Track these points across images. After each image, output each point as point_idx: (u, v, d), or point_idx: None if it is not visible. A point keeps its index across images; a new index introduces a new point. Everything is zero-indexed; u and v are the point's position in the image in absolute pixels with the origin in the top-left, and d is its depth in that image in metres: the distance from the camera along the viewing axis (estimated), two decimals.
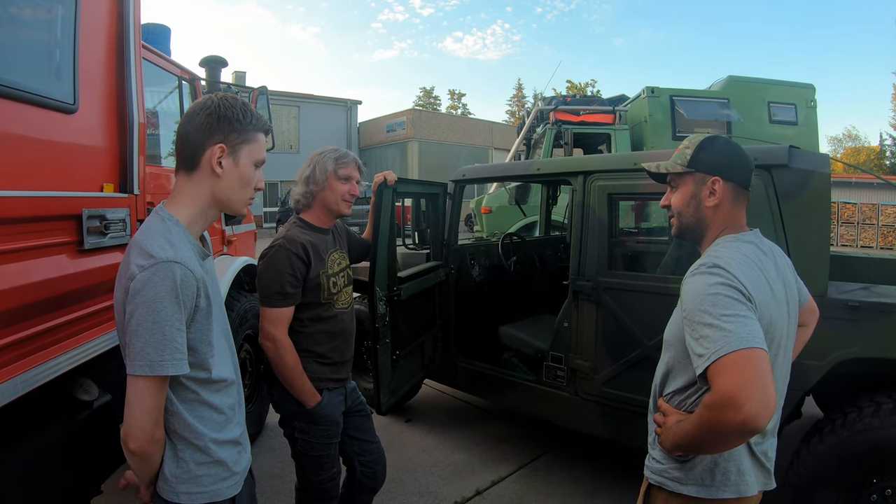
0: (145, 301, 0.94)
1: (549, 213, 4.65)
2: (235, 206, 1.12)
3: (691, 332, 1.07)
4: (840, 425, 1.94)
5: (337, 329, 1.84)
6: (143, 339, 0.94)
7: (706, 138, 1.26)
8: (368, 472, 1.99)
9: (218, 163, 1.07)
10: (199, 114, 1.06)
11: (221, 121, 1.06)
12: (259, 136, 1.13)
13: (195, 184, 1.08)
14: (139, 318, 0.94)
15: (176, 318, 0.96)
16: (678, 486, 1.18)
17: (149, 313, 0.94)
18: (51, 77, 1.55)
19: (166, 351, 0.95)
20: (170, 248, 0.98)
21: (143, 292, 0.94)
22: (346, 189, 1.86)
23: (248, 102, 1.14)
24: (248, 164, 1.11)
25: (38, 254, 1.45)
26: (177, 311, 0.96)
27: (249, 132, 1.10)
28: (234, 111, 1.07)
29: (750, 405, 0.91)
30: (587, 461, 3.02)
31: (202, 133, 1.06)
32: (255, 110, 1.15)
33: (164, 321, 0.95)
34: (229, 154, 1.08)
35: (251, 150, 1.11)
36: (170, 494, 1.06)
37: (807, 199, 2.00)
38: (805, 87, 7.40)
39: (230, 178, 1.09)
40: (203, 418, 1.07)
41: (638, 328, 2.34)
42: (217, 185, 1.08)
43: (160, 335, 0.95)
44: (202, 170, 1.07)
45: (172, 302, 0.96)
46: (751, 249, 1.17)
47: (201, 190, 1.08)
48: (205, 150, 1.06)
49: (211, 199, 1.09)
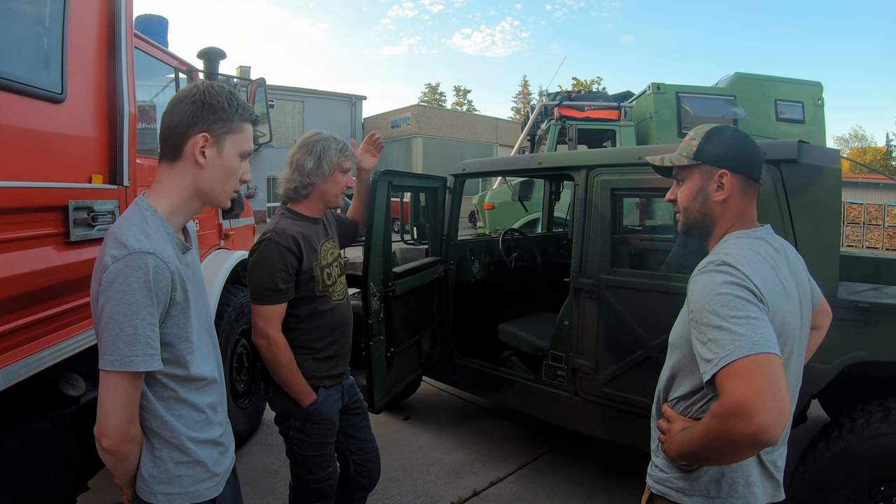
0: (117, 293, 0.90)
1: (552, 209, 4.59)
2: (218, 197, 1.08)
3: (698, 334, 1.00)
4: (848, 431, 1.88)
5: (335, 322, 1.79)
6: (113, 332, 0.90)
7: (713, 128, 1.18)
8: (363, 470, 1.95)
9: (201, 152, 1.02)
10: (184, 101, 1.02)
11: (206, 109, 1.02)
12: (245, 126, 1.08)
13: (177, 174, 1.04)
14: (110, 310, 0.91)
15: (148, 312, 0.92)
16: (682, 496, 1.12)
17: (120, 306, 0.90)
18: (37, 65, 1.51)
19: (137, 346, 0.91)
20: (144, 239, 0.94)
21: (114, 284, 0.91)
22: (346, 181, 1.81)
23: (235, 91, 1.09)
24: (233, 154, 1.06)
25: (21, 245, 1.41)
26: (149, 304, 0.92)
27: (235, 122, 1.05)
28: (219, 99, 1.03)
29: (762, 415, 0.85)
30: (586, 462, 2.97)
31: (185, 121, 1.01)
32: (243, 99, 1.10)
33: (135, 314, 0.91)
34: (213, 144, 1.03)
35: (236, 140, 1.06)
36: (147, 495, 1.02)
37: (816, 195, 1.94)
38: (813, 84, 7.30)
39: (214, 168, 1.04)
40: (181, 416, 1.03)
41: (641, 327, 2.29)
42: (200, 176, 1.04)
43: (131, 329, 0.91)
44: (185, 159, 1.03)
45: (144, 294, 0.92)
46: (762, 246, 1.10)
47: (183, 180, 1.04)
48: (188, 139, 1.02)
49: (193, 190, 1.05)
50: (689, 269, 1.10)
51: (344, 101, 24.98)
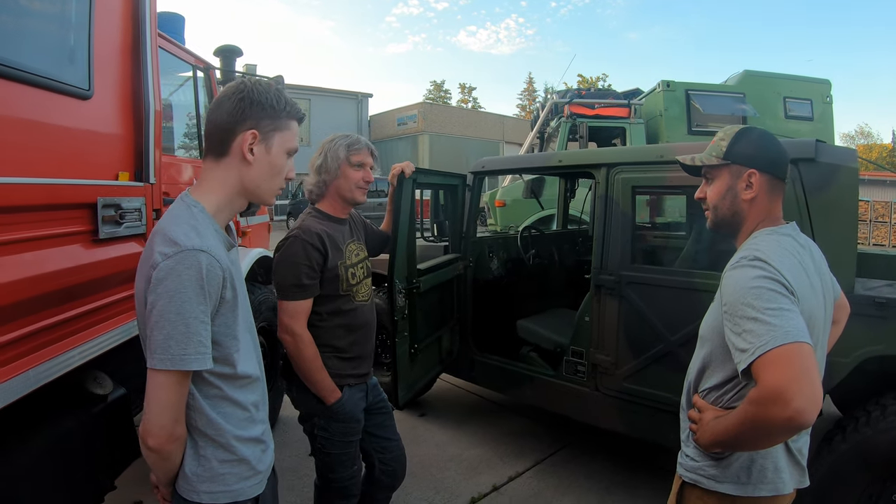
0: (168, 291, 0.89)
1: (567, 206, 4.58)
2: (264, 195, 1.07)
3: (733, 326, 1.04)
4: (864, 424, 1.90)
5: (357, 322, 1.79)
6: (165, 331, 0.89)
7: (742, 129, 1.23)
8: (388, 469, 1.95)
9: (249, 149, 1.02)
10: (232, 98, 1.01)
11: (254, 106, 1.01)
12: (292, 123, 1.08)
13: (223, 170, 1.03)
14: (161, 309, 0.89)
15: (200, 310, 0.91)
16: (714, 483, 1.16)
17: (172, 304, 0.89)
18: (65, 62, 1.51)
19: (190, 344, 0.90)
20: (195, 236, 0.93)
21: (165, 282, 0.89)
22: (359, 176, 1.81)
23: (282, 89, 1.09)
24: (281, 152, 1.06)
25: (52, 243, 1.42)
26: (201, 303, 0.91)
27: (283, 119, 1.05)
28: (267, 97, 1.02)
29: (798, 400, 0.89)
30: (603, 457, 2.97)
31: (234, 118, 1.01)
32: (289, 97, 1.09)
33: (187, 313, 0.89)
34: (261, 141, 1.03)
35: (284, 137, 1.06)
36: (190, 493, 1.02)
37: (834, 193, 1.96)
38: (821, 82, 7.27)
39: (261, 165, 1.04)
40: (226, 415, 1.02)
41: (661, 323, 2.29)
42: (247, 173, 1.03)
43: (183, 327, 0.89)
44: (232, 156, 1.02)
45: (197, 292, 0.90)
46: (789, 242, 1.16)
47: (230, 177, 1.03)
48: (236, 136, 1.01)
49: (240, 186, 1.04)
50: (704, 265, 1.12)
51: (350, 99, 25.00)
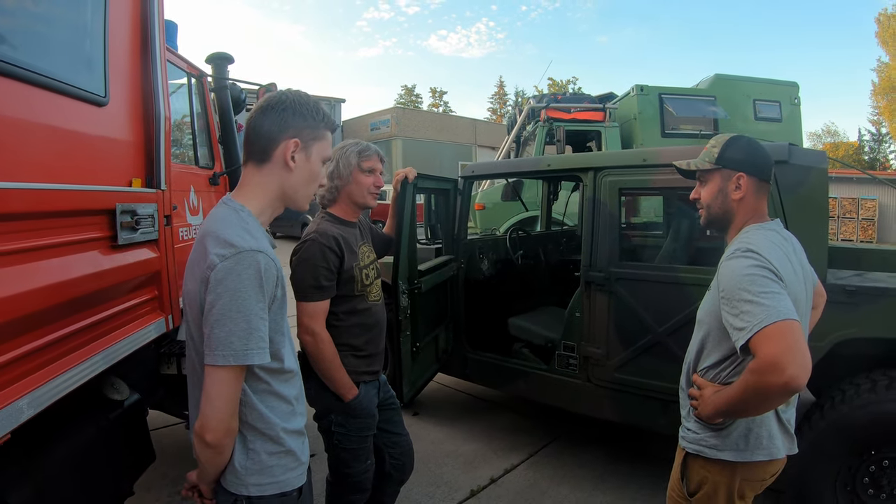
0: (228, 290, 0.94)
1: (550, 208, 4.74)
2: (301, 200, 1.14)
3: (730, 309, 1.18)
4: (840, 401, 2.07)
5: (371, 321, 1.86)
6: (227, 328, 0.94)
7: (731, 138, 1.39)
8: (398, 463, 2.02)
9: (291, 157, 1.08)
10: (275, 107, 1.07)
11: (297, 116, 1.08)
12: (328, 134, 1.15)
13: (265, 176, 1.09)
14: (223, 307, 0.94)
15: (259, 308, 0.97)
16: (715, 452, 1.30)
17: (233, 302, 0.94)
18: (83, 69, 1.52)
19: (251, 340, 0.95)
20: (250, 238, 0.99)
21: (226, 281, 0.94)
22: (370, 181, 1.88)
23: (319, 101, 1.17)
24: (318, 160, 1.13)
25: (73, 249, 1.43)
26: (260, 300, 0.97)
27: (321, 129, 1.13)
28: (307, 108, 1.10)
29: (792, 368, 1.04)
30: (594, 448, 3.11)
31: (277, 126, 1.07)
32: (325, 109, 1.17)
33: (248, 310, 0.95)
34: (302, 149, 1.10)
35: (321, 146, 1.14)
36: (238, 487, 1.04)
37: (806, 192, 2.13)
38: (789, 84, 7.62)
39: (301, 172, 1.11)
40: (273, 408, 1.07)
41: (649, 315, 2.43)
42: (288, 179, 1.10)
43: (245, 324, 0.95)
44: (274, 163, 1.09)
45: (256, 291, 0.96)
46: (775, 236, 1.31)
47: (271, 183, 1.09)
48: (279, 144, 1.08)
49: (279, 192, 1.11)
50: (682, 261, 1.25)
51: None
